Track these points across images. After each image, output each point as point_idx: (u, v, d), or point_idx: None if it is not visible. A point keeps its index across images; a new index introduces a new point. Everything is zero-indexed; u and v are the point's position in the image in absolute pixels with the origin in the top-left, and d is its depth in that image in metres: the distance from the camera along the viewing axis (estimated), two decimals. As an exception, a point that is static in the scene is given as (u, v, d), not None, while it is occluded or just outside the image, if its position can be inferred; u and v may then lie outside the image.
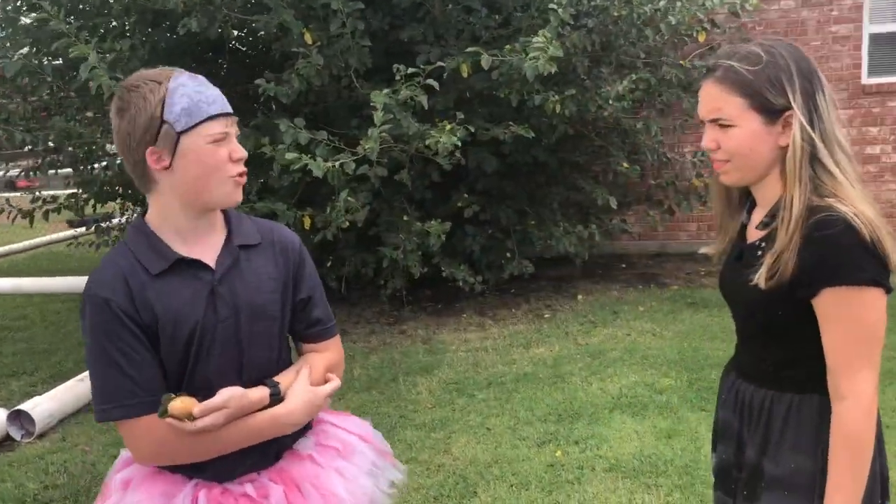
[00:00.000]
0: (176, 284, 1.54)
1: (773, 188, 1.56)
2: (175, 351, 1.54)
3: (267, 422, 1.58)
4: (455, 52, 5.13)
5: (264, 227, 1.72)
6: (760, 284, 1.50)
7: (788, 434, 1.57)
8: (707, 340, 5.15)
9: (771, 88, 1.47)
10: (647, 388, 4.43)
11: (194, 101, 1.50)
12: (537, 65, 4.34)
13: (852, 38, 7.18)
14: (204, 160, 1.52)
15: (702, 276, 6.89)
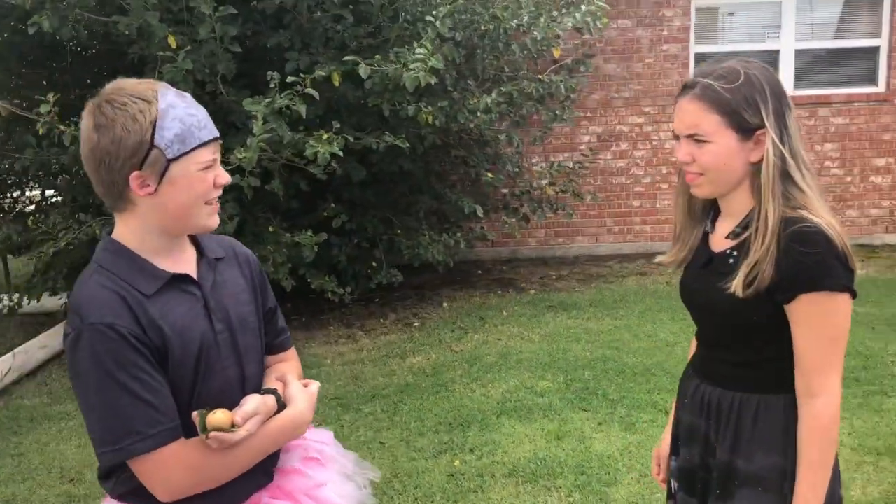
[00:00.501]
0: (172, 302, 1.49)
1: (743, 200, 1.64)
2: (184, 370, 1.48)
3: (287, 425, 1.58)
4: (324, 61, 5.05)
5: (223, 241, 1.70)
6: (738, 292, 1.56)
7: (758, 433, 1.63)
8: (573, 342, 5.39)
9: (747, 108, 1.55)
10: (527, 391, 4.58)
11: (186, 125, 1.43)
12: (418, 76, 4.36)
13: (680, 56, 7.80)
14: (191, 189, 1.46)
15: (554, 279, 7.21)
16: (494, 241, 7.74)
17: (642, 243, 8.12)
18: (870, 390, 4.33)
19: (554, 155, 7.82)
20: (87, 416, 1.42)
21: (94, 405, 1.40)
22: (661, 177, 8.00)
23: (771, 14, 7.79)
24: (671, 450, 1.88)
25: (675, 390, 4.44)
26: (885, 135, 7.88)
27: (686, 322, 5.66)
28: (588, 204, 7.70)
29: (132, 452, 1.40)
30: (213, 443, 1.44)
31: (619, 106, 7.87)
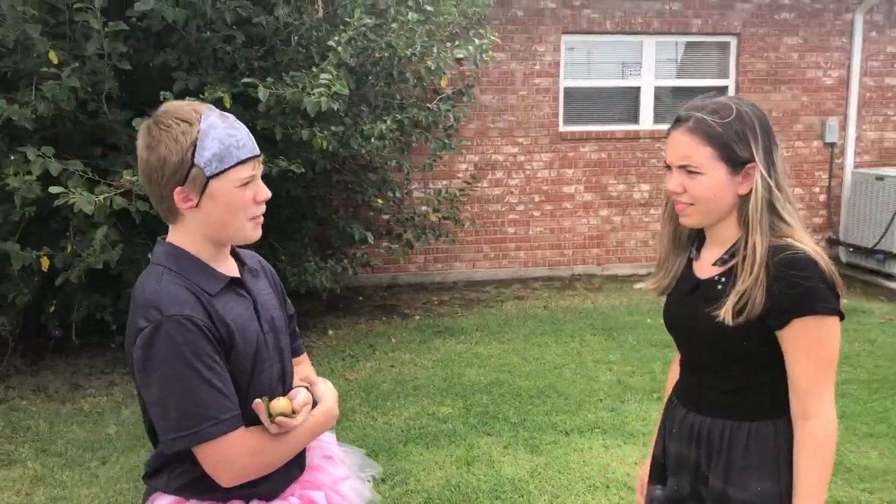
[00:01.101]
0: (231, 303, 1.62)
1: (730, 230, 1.70)
2: (244, 364, 1.61)
3: (322, 419, 1.71)
4: (214, 82, 4.88)
5: (251, 254, 1.85)
6: (727, 320, 1.61)
7: (751, 460, 1.66)
8: (466, 367, 5.46)
9: (738, 142, 1.63)
10: (429, 417, 4.58)
11: (225, 145, 1.55)
12: (320, 101, 4.30)
13: (551, 90, 8.14)
14: (230, 203, 1.58)
15: (436, 305, 7.27)
16: (375, 267, 7.71)
17: (516, 269, 8.35)
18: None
19: (433, 182, 7.92)
20: (160, 403, 1.50)
21: (170, 393, 1.49)
22: (533, 205, 8.28)
23: (633, 52, 8.30)
24: (655, 478, 1.90)
25: (570, 412, 4.61)
26: (732, 168, 8.56)
27: (571, 345, 5.88)
28: (465, 230, 7.84)
29: (206, 436, 1.50)
30: (274, 428, 1.58)
31: (495, 136, 8.10)
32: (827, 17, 8.43)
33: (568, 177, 8.33)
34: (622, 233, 8.52)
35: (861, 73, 8.53)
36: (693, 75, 8.46)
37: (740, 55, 8.37)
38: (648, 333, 6.17)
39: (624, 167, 8.39)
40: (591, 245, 8.49)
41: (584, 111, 8.36)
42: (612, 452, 4.10)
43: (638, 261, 8.58)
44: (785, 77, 8.48)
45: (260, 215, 1.65)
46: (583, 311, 6.95)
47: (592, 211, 8.42)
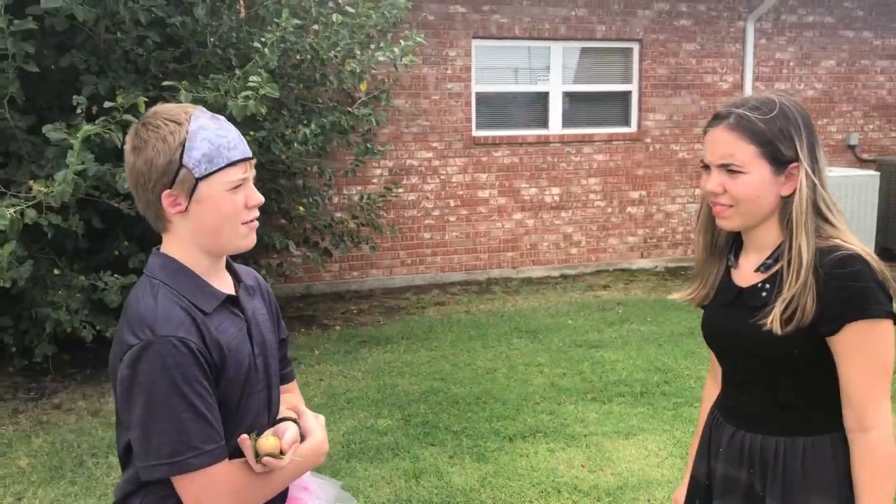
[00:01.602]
0: (225, 322, 1.54)
1: (771, 234, 1.61)
2: (234, 388, 1.53)
3: (311, 453, 1.62)
4: (126, 85, 4.60)
5: (248, 271, 1.75)
6: (776, 328, 1.51)
7: (811, 478, 1.56)
8: (398, 377, 5.35)
9: (782, 140, 1.54)
10: (368, 431, 4.45)
11: (215, 145, 1.49)
12: (248, 105, 4.11)
13: (464, 95, 8.14)
14: (220, 207, 1.50)
15: (356, 314, 7.12)
16: (288, 276, 7.48)
17: (433, 274, 8.29)
18: (678, 402, 4.77)
19: (347, 188, 7.77)
20: (142, 426, 1.41)
21: (153, 417, 1.40)
22: (449, 210, 8.25)
23: (541, 58, 8.41)
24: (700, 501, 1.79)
25: (510, 417, 4.59)
26: (638, 170, 8.81)
27: (499, 349, 5.87)
28: (381, 237, 7.72)
29: (188, 467, 1.40)
30: (260, 468, 1.48)
31: (409, 141, 8.02)
32: (721, 24, 8.80)
33: (482, 181, 8.35)
34: (535, 236, 8.61)
35: (753, 77, 8.95)
36: (599, 80, 8.66)
37: (643, 60, 8.62)
38: (572, 335, 6.23)
39: (535, 171, 8.48)
40: (505, 249, 8.53)
41: (496, 116, 8.41)
42: (557, 456, 4.09)
43: (551, 263, 8.69)
44: (684, 82, 8.80)
45: (253, 221, 1.57)
46: (504, 314, 6.96)
47: (506, 215, 8.47)
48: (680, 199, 9.02)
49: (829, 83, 9.26)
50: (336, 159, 6.98)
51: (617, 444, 4.21)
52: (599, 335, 6.21)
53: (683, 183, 9.00)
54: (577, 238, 8.75)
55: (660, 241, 9.05)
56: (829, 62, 9.23)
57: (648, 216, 8.95)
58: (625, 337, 6.15)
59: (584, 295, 7.69)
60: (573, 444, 4.23)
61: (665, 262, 9.07)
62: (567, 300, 7.47)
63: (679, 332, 6.26)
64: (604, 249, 8.89)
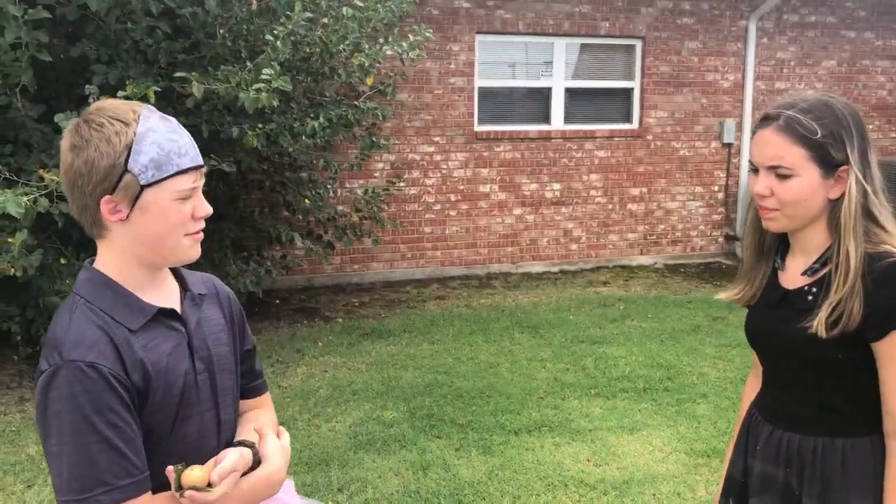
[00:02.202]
0: (156, 338, 1.43)
1: (818, 236, 1.60)
2: (164, 412, 1.41)
3: (262, 484, 1.49)
4: (135, 75, 4.60)
5: (203, 277, 1.65)
6: (821, 332, 1.51)
7: (849, 479, 1.56)
8: (401, 369, 5.38)
9: (833, 143, 1.52)
10: (375, 423, 4.48)
11: (165, 151, 1.37)
12: (260, 97, 4.12)
13: (466, 90, 8.16)
14: (166, 217, 1.40)
15: (357, 307, 7.14)
16: (290, 269, 7.50)
17: (433, 268, 8.32)
18: (681, 398, 4.81)
19: (349, 181, 7.78)
20: (54, 459, 1.32)
21: (63, 449, 1.31)
22: (450, 204, 8.27)
23: (544, 53, 8.43)
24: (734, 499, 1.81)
25: (515, 411, 4.62)
26: (639, 167, 8.85)
27: (501, 344, 5.90)
28: (383, 230, 7.74)
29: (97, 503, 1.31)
30: (185, 502, 1.37)
31: (411, 135, 8.04)
32: (724, 23, 8.83)
33: (483, 176, 8.37)
34: (535, 231, 8.64)
35: (754, 76, 9.00)
36: (601, 77, 8.68)
37: (645, 57, 8.65)
38: (574, 330, 6.27)
39: (536, 167, 8.51)
40: (505, 244, 8.56)
41: (498, 111, 8.43)
42: (563, 450, 4.13)
43: (551, 258, 8.73)
44: (686, 80, 8.83)
45: (199, 232, 1.46)
46: (505, 309, 6.99)
47: (507, 210, 8.50)
48: (680, 196, 9.06)
49: (829, 83, 9.31)
50: (339, 153, 7.00)
51: (622, 439, 4.24)
52: (601, 331, 6.25)
53: (684, 180, 9.04)
54: (577, 234, 8.79)
55: (660, 238, 9.09)
56: (830, 62, 9.28)
57: (649, 213, 8.99)
58: (626, 333, 6.19)
59: (585, 291, 7.73)
60: (578, 438, 4.27)
61: (664, 259, 9.12)
62: (567, 296, 7.50)
63: (680, 328, 6.30)
64: (604, 246, 8.93)
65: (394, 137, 7.86)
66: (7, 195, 3.47)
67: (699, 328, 6.31)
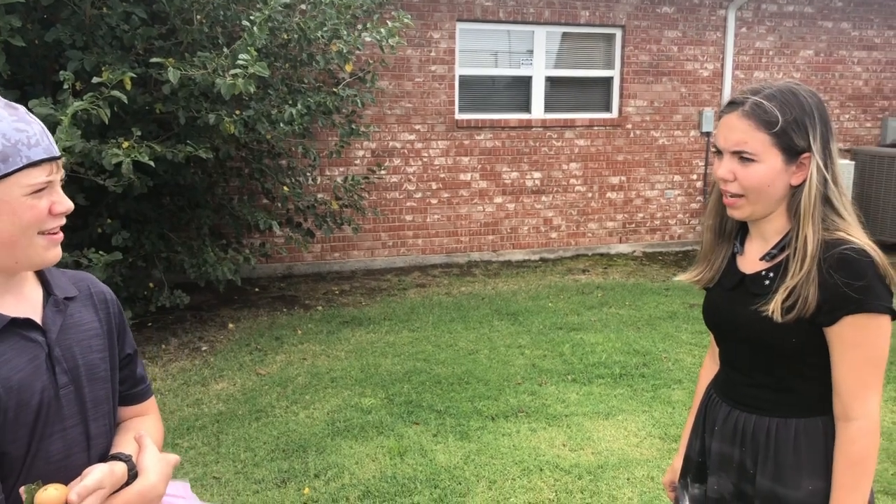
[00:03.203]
0: (10, 352, 1.30)
1: (778, 223, 1.62)
2: (18, 431, 1.28)
3: (136, 500, 1.38)
4: (112, 61, 4.56)
5: (76, 277, 1.52)
6: (776, 317, 1.54)
7: (801, 459, 1.59)
8: (381, 357, 5.39)
9: (796, 130, 1.54)
10: (353, 409, 4.49)
11: (11, 142, 1.25)
12: (236, 83, 4.10)
13: (447, 77, 8.15)
14: (18, 215, 1.27)
15: (338, 295, 7.14)
16: (269, 257, 7.48)
17: (414, 256, 8.33)
18: (656, 384, 4.86)
19: (329, 169, 7.76)
20: None
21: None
22: (430, 192, 8.28)
23: (525, 42, 8.44)
24: (693, 477, 1.84)
25: (492, 397, 4.65)
26: (618, 156, 8.89)
27: (480, 331, 5.93)
28: (363, 218, 7.74)
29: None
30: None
31: (392, 123, 8.03)
32: (703, 12, 8.87)
33: (464, 164, 8.38)
34: (515, 220, 8.67)
35: (733, 66, 9.05)
36: (581, 66, 8.70)
37: (625, 46, 8.68)
38: (552, 317, 6.31)
39: (517, 155, 8.52)
40: (486, 232, 8.59)
41: (479, 99, 8.43)
42: (539, 436, 4.16)
43: (531, 247, 8.76)
44: (666, 69, 8.87)
45: (56, 229, 1.33)
46: (485, 296, 7.02)
47: (487, 198, 8.51)
48: (659, 185, 9.12)
49: (806, 73, 9.38)
50: (319, 140, 6.98)
51: (597, 425, 4.29)
52: (579, 318, 6.30)
53: (663, 169, 9.09)
54: (557, 222, 8.82)
55: (638, 227, 9.15)
56: (808, 52, 9.35)
57: (628, 201, 9.04)
58: (604, 320, 6.24)
59: (564, 279, 7.77)
60: (554, 423, 4.31)
61: (643, 247, 9.18)
62: (547, 283, 7.54)
63: (657, 315, 6.36)
64: (583, 234, 8.97)
65: (374, 125, 7.85)
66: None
67: (675, 315, 6.37)
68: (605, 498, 3.52)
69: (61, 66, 4.43)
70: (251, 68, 4.07)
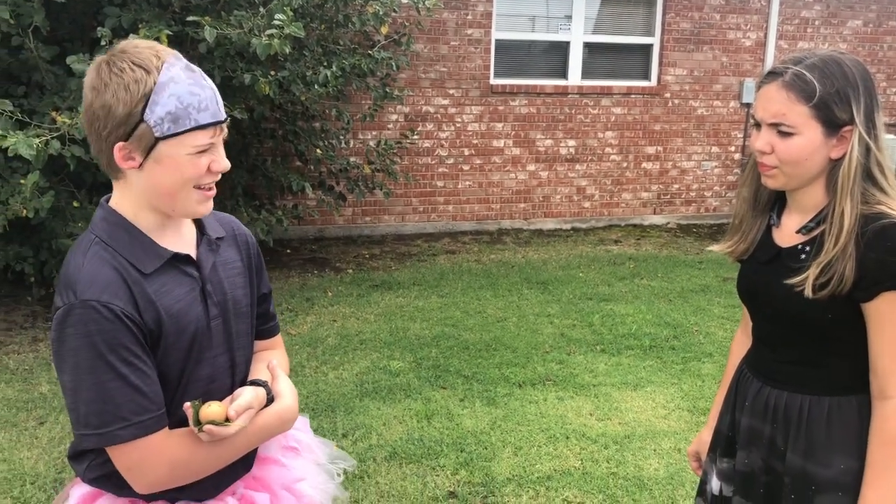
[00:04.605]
0: (170, 283, 1.42)
1: (815, 195, 1.58)
2: (176, 355, 1.42)
3: (274, 421, 1.53)
4: (148, 19, 4.57)
5: (223, 219, 1.63)
6: (808, 293, 1.50)
7: (834, 437, 1.57)
8: (409, 321, 5.41)
9: (838, 102, 1.48)
10: (381, 371, 4.53)
11: (183, 104, 1.34)
12: (272, 43, 4.08)
13: (483, 41, 8.05)
14: (181, 171, 1.38)
15: (368, 259, 7.17)
16: (301, 219, 7.51)
17: (445, 223, 8.32)
18: (686, 357, 4.83)
19: (362, 133, 7.74)
20: (71, 394, 1.34)
21: (80, 385, 1.32)
22: (463, 158, 8.23)
23: (563, 6, 8.29)
24: (722, 451, 1.82)
25: (520, 364, 4.65)
26: (655, 125, 8.75)
27: (509, 299, 5.92)
28: (394, 183, 7.73)
29: (116, 439, 1.33)
30: (204, 436, 1.39)
31: (426, 87, 7.96)
32: (748, -21, 8.64)
33: (497, 131, 8.31)
34: (548, 188, 8.60)
35: (777, 35, 8.82)
36: (620, 32, 8.54)
37: (666, 13, 8.49)
38: (583, 287, 6.28)
39: (552, 122, 8.43)
40: (517, 200, 8.53)
41: (515, 64, 8.33)
42: (566, 404, 4.16)
43: (563, 216, 8.70)
44: (707, 37, 8.68)
45: (211, 185, 1.44)
46: (515, 265, 7.00)
47: (520, 166, 8.45)
48: (696, 156, 8.97)
49: (853, 44, 9.12)
50: (353, 103, 6.95)
51: (625, 395, 4.28)
52: (610, 289, 6.26)
53: (700, 140, 8.94)
54: (590, 191, 8.74)
55: (673, 198, 9.03)
56: (856, 22, 9.08)
57: (663, 172, 8.92)
58: (635, 291, 6.20)
59: (595, 249, 7.72)
60: (582, 393, 4.30)
61: (677, 219, 9.07)
62: (578, 253, 7.50)
63: (689, 288, 6.30)
64: (617, 204, 8.88)
65: (408, 89, 7.79)
66: (19, 137, 3.49)
67: (708, 288, 6.31)
68: (630, 468, 3.52)
69: (99, 22, 4.44)
70: (287, 28, 4.05)
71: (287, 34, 4.08)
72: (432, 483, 3.38)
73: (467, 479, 3.41)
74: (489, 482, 3.39)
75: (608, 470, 3.50)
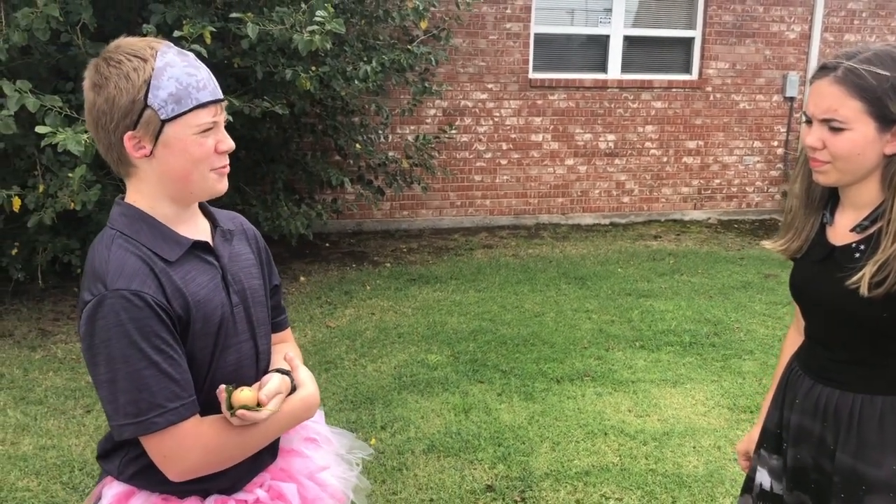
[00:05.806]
0: (193, 271, 1.45)
1: (869, 192, 1.55)
2: (205, 341, 1.45)
3: (300, 407, 1.56)
4: (192, 15, 4.63)
5: (230, 216, 1.67)
6: (863, 291, 1.48)
7: (887, 437, 1.55)
8: (447, 315, 5.43)
9: (892, 96, 1.45)
10: (419, 365, 4.55)
11: (183, 85, 1.38)
12: (313, 39, 4.12)
13: (522, 35, 8.02)
14: (189, 152, 1.41)
15: (405, 252, 7.20)
16: (340, 213, 7.57)
17: (482, 217, 8.32)
18: (727, 354, 4.77)
19: (401, 127, 7.77)
20: (105, 386, 1.35)
21: (114, 375, 1.34)
22: (501, 153, 8.22)
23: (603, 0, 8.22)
24: (770, 448, 1.81)
25: (558, 360, 4.64)
26: (696, 120, 8.65)
27: (547, 294, 5.91)
28: (432, 178, 7.75)
29: (153, 426, 1.35)
30: (236, 421, 1.42)
31: (464, 81, 7.97)
32: (793, -29, 8.48)
33: (536, 125, 8.28)
34: (587, 182, 8.55)
35: (822, 28, 8.65)
36: (661, 25, 8.45)
37: (708, 6, 8.38)
38: (621, 283, 6.24)
39: (591, 116, 8.38)
40: (556, 194, 8.50)
41: (554, 58, 8.28)
42: (604, 400, 4.15)
43: (601, 210, 8.65)
44: (750, 30, 8.54)
45: (224, 167, 1.47)
46: (553, 259, 6.98)
47: (559, 160, 8.41)
48: (738, 150, 8.85)
49: (902, 36, 8.91)
50: (391, 98, 6.98)
51: (664, 392, 4.25)
52: (649, 285, 6.21)
53: (742, 134, 8.81)
54: (629, 186, 8.67)
55: (714, 193, 8.92)
56: (905, 14, 8.87)
57: (704, 167, 8.81)
58: (675, 288, 6.14)
59: (635, 244, 7.66)
60: (620, 389, 4.28)
61: (718, 214, 8.96)
62: (616, 249, 7.45)
63: (731, 285, 6.22)
64: (656, 199, 8.80)
65: (446, 83, 7.79)
66: (67, 133, 3.57)
67: (750, 285, 6.22)
68: (669, 465, 3.50)
69: (144, 19, 4.53)
70: (328, 25, 4.08)
71: (328, 30, 4.12)
72: (470, 476, 3.40)
73: (505, 474, 3.42)
74: (527, 476, 3.39)
75: (646, 466, 3.49)
